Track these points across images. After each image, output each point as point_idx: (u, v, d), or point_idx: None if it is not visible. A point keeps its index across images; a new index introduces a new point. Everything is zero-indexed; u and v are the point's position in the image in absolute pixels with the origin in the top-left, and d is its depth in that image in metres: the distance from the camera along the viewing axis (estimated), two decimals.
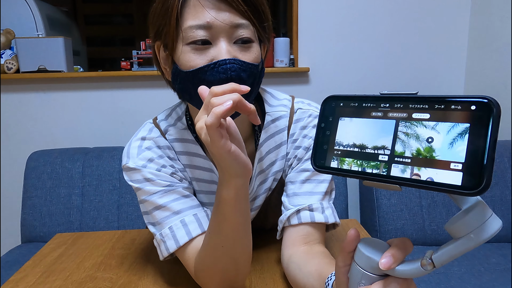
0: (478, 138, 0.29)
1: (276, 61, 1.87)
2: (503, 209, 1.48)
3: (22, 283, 0.74)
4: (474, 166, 0.29)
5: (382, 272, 0.38)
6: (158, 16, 0.61)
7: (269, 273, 0.75)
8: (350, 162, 0.35)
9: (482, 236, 0.32)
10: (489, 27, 1.77)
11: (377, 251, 0.39)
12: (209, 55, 0.58)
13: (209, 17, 0.57)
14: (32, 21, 1.81)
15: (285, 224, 0.71)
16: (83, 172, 1.55)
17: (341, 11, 1.85)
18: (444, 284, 1.21)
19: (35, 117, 1.84)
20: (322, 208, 0.70)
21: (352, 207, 1.82)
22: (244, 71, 0.58)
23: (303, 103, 0.75)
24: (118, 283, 0.73)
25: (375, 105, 0.35)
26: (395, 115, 0.34)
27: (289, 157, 0.74)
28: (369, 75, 1.92)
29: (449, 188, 0.29)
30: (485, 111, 0.29)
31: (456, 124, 0.30)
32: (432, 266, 0.35)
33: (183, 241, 0.65)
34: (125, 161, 0.69)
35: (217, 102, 0.48)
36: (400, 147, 0.33)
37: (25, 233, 1.54)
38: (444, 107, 0.31)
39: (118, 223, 1.51)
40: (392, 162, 0.33)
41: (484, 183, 0.28)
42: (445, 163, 0.30)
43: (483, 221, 0.32)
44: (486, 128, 0.29)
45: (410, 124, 0.32)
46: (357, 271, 0.40)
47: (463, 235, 0.33)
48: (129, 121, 1.86)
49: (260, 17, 0.61)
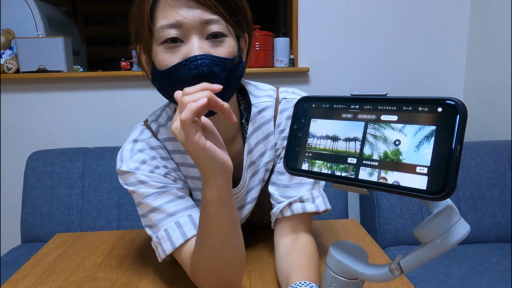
0: (443, 141, 0.28)
1: (276, 61, 1.87)
2: (503, 209, 1.48)
3: (22, 283, 0.74)
4: (439, 170, 0.28)
5: (352, 276, 0.38)
6: (134, 20, 0.63)
7: (269, 272, 0.75)
8: (320, 164, 0.35)
9: (448, 242, 0.32)
10: (489, 27, 1.77)
11: (348, 255, 0.38)
12: (182, 53, 0.59)
13: (179, 16, 0.58)
14: (32, 21, 1.81)
15: (278, 216, 0.74)
16: (83, 172, 1.55)
17: (341, 11, 1.85)
18: (444, 284, 1.21)
19: (35, 117, 1.84)
20: (312, 198, 0.73)
21: (352, 207, 1.82)
22: (216, 66, 0.59)
23: (287, 92, 0.75)
24: (118, 283, 0.73)
25: (346, 107, 0.35)
26: (365, 116, 0.33)
27: (277, 147, 0.75)
28: (369, 75, 1.92)
29: (414, 193, 0.29)
30: (451, 114, 0.28)
31: (423, 126, 0.29)
32: (400, 271, 0.35)
33: (179, 242, 0.66)
34: (119, 165, 0.70)
35: (190, 99, 0.49)
36: (369, 150, 0.32)
37: (25, 233, 1.53)
38: (411, 109, 0.30)
39: (118, 223, 1.51)
40: (361, 165, 0.32)
41: (448, 187, 0.27)
42: (411, 166, 0.29)
43: (449, 227, 0.32)
44: (452, 131, 0.28)
45: (379, 126, 0.32)
46: (328, 274, 0.40)
47: (430, 240, 0.33)
48: (129, 121, 1.86)
49: (232, 10, 0.61)
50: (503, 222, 1.48)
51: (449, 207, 0.33)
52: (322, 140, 0.36)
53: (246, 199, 0.77)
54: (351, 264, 0.38)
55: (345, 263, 0.38)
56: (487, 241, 1.48)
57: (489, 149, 1.53)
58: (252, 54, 1.84)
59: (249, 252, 0.83)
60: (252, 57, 1.84)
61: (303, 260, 0.67)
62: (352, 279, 0.39)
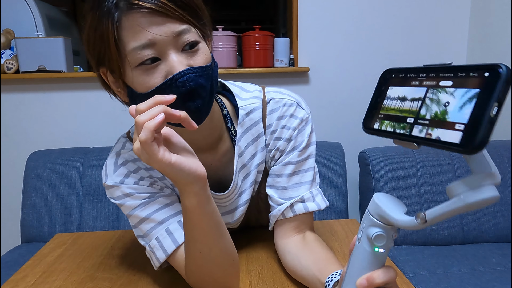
0: (483, 101, 0.31)
1: (276, 61, 1.87)
2: (502, 209, 1.48)
3: (22, 283, 0.74)
4: (473, 127, 0.31)
5: (385, 220, 0.42)
6: (95, 44, 0.58)
7: (269, 273, 0.75)
8: (387, 124, 0.40)
9: (470, 199, 0.34)
10: (489, 27, 1.78)
11: (387, 201, 0.42)
12: (162, 71, 0.57)
13: (150, 34, 0.54)
14: (32, 21, 1.81)
15: (279, 218, 0.74)
16: (83, 172, 1.55)
17: (341, 11, 1.85)
18: (444, 284, 1.21)
19: (35, 117, 1.84)
20: (312, 196, 0.74)
21: (352, 207, 1.82)
22: (201, 77, 0.58)
23: (274, 92, 0.74)
24: (118, 283, 0.73)
25: (416, 75, 0.39)
26: (428, 83, 0.37)
27: (270, 148, 0.74)
28: (369, 75, 1.92)
29: (449, 146, 0.32)
30: (495, 77, 0.30)
31: (470, 89, 0.32)
32: (424, 220, 0.38)
33: (171, 249, 0.66)
34: (104, 179, 0.69)
35: (145, 118, 0.47)
36: (424, 111, 0.36)
37: (25, 233, 1.53)
38: (465, 75, 0.33)
39: (118, 223, 1.51)
40: (415, 124, 0.36)
41: (476, 141, 0.30)
42: (452, 124, 0.32)
43: (476, 186, 0.34)
44: (492, 93, 0.30)
45: (436, 91, 0.36)
46: (366, 215, 0.44)
47: (455, 195, 0.35)
48: (129, 121, 1.86)
49: (197, 15, 0.60)
50: (503, 222, 1.48)
51: (487, 171, 0.35)
52: (393, 101, 0.40)
53: (238, 201, 0.77)
54: (385, 208, 0.42)
55: (380, 206, 0.42)
56: (487, 241, 1.48)
57: (489, 149, 1.52)
58: (252, 54, 1.84)
59: (249, 253, 0.83)
60: (252, 57, 1.84)
61: (327, 253, 0.68)
62: (384, 223, 0.42)
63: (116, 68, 0.58)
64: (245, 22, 3.61)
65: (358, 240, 0.45)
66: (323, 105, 1.92)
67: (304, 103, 0.74)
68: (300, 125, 0.72)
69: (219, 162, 0.74)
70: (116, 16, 0.54)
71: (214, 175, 0.75)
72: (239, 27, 2.59)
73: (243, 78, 1.84)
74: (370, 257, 0.43)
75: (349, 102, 1.92)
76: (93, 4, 0.57)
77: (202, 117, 0.61)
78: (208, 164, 0.74)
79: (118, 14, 0.54)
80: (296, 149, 0.73)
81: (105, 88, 0.66)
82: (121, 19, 0.54)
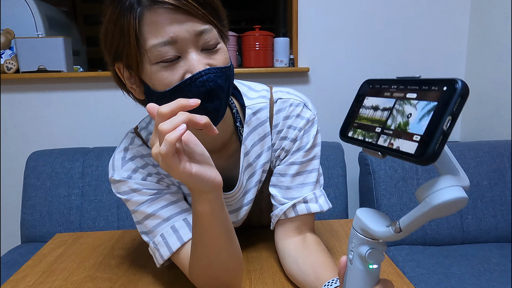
0: (438, 115, 0.32)
1: (276, 61, 1.87)
2: (503, 209, 1.48)
3: (22, 283, 0.74)
4: (426, 139, 0.32)
5: (369, 235, 0.42)
6: (113, 38, 0.57)
7: (269, 273, 0.75)
8: (359, 132, 0.41)
9: (434, 201, 0.34)
10: (489, 27, 1.77)
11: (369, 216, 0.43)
12: (181, 69, 0.56)
13: (171, 32, 0.54)
14: (32, 21, 1.81)
15: (281, 218, 0.74)
16: (83, 172, 1.55)
17: (341, 11, 1.85)
18: (444, 284, 1.21)
19: (35, 117, 1.84)
20: (315, 198, 0.74)
21: (352, 207, 1.82)
22: (220, 77, 0.57)
23: (282, 92, 0.74)
24: (118, 283, 0.73)
25: (389, 87, 0.40)
26: (397, 94, 0.38)
27: (275, 148, 0.74)
28: (369, 75, 1.91)
29: (405, 156, 0.33)
30: (452, 91, 0.32)
31: (429, 102, 0.34)
32: (398, 229, 0.38)
33: (176, 247, 0.66)
34: (111, 174, 0.69)
35: (167, 128, 0.45)
36: (390, 121, 0.37)
37: (24, 233, 1.53)
38: (427, 88, 0.35)
39: (118, 223, 1.51)
40: (381, 134, 0.38)
41: (428, 153, 0.31)
42: (411, 135, 0.34)
43: (440, 188, 0.35)
44: (447, 106, 0.31)
45: (403, 103, 0.37)
46: (352, 233, 0.45)
47: (422, 198, 0.36)
48: (129, 121, 1.86)
49: (218, 16, 0.59)
50: (503, 222, 1.48)
51: (451, 174, 0.36)
52: (366, 111, 0.42)
53: (243, 201, 0.77)
54: (366, 221, 0.42)
55: (362, 220, 0.42)
56: (487, 241, 1.48)
57: (489, 149, 1.53)
58: (252, 54, 1.84)
59: (249, 253, 0.83)
60: (252, 57, 1.84)
61: (325, 258, 0.67)
62: (369, 238, 0.42)
63: (134, 64, 0.57)
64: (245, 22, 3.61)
65: (349, 261, 0.44)
66: (323, 105, 1.91)
67: (311, 104, 0.74)
68: (306, 125, 0.72)
69: (226, 161, 0.74)
70: (138, 11, 0.54)
71: (220, 174, 0.75)
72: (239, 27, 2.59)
73: (243, 78, 1.83)
74: (366, 275, 0.43)
75: (349, 102, 1.89)
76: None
77: (219, 118, 0.61)
78: (215, 164, 0.74)
79: (141, 9, 0.54)
80: (301, 150, 0.73)
81: (119, 85, 0.65)
82: (143, 14, 0.54)
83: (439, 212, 0.35)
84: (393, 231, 0.39)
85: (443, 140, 0.31)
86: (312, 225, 0.77)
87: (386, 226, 0.41)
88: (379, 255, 0.42)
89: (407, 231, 0.38)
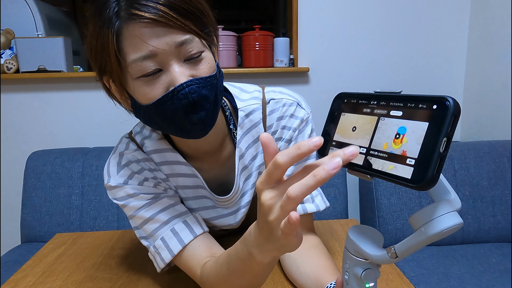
0: (432, 137, 0.30)
1: (276, 61, 1.87)
2: (503, 209, 1.48)
3: (22, 283, 0.74)
4: (423, 163, 0.30)
5: (363, 256, 0.41)
6: (96, 53, 0.56)
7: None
8: None
9: (431, 231, 0.34)
10: (489, 27, 1.77)
11: (363, 236, 0.42)
12: (163, 82, 0.55)
13: (150, 45, 0.52)
14: (32, 21, 1.81)
15: None
16: (83, 172, 1.55)
17: (341, 11, 1.85)
18: (444, 284, 1.21)
19: (35, 117, 1.84)
20: (311, 197, 0.74)
21: (352, 207, 1.82)
22: (204, 88, 0.55)
23: (274, 92, 0.73)
24: (118, 283, 0.73)
25: (367, 102, 0.38)
26: (379, 111, 0.36)
27: None
28: (369, 75, 1.92)
29: (401, 181, 0.32)
30: (443, 111, 0.30)
31: (419, 122, 0.32)
32: (394, 255, 0.37)
33: (177, 249, 0.65)
34: (106, 180, 0.68)
35: (297, 193, 0.34)
36: (376, 141, 0.35)
37: (25, 233, 1.53)
38: (414, 106, 0.33)
39: (118, 223, 1.51)
40: (368, 155, 0.36)
41: (427, 179, 0.29)
42: (403, 158, 0.32)
43: (435, 217, 0.34)
44: (440, 128, 0.30)
45: (388, 121, 0.35)
46: (345, 253, 0.44)
47: (417, 227, 0.35)
48: (129, 121, 1.86)
49: (201, 23, 0.57)
50: (503, 222, 1.48)
51: (445, 199, 0.35)
52: (345, 132, 0.39)
53: (240, 203, 0.76)
54: (360, 244, 0.41)
55: (355, 242, 0.41)
56: (487, 241, 1.48)
57: (489, 149, 1.53)
58: (252, 54, 1.84)
59: None
60: (252, 57, 1.84)
61: (326, 261, 0.66)
62: (363, 259, 0.41)
63: (117, 79, 0.56)
64: (245, 22, 3.61)
65: (346, 282, 0.44)
66: (323, 105, 1.90)
67: (304, 102, 0.73)
68: (300, 125, 0.72)
69: (221, 165, 0.74)
70: (116, 26, 0.52)
71: (216, 178, 0.74)
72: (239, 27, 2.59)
73: (243, 78, 1.84)
74: None
75: None
76: (95, 11, 0.55)
77: (207, 128, 0.59)
78: (211, 168, 0.74)
79: (119, 24, 0.52)
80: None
81: (109, 96, 0.64)
82: (121, 29, 0.53)
83: (435, 239, 0.34)
84: (389, 257, 0.38)
85: (441, 164, 0.30)
86: (311, 225, 0.76)
87: (379, 245, 0.40)
88: (375, 273, 0.42)
89: (403, 256, 0.37)
